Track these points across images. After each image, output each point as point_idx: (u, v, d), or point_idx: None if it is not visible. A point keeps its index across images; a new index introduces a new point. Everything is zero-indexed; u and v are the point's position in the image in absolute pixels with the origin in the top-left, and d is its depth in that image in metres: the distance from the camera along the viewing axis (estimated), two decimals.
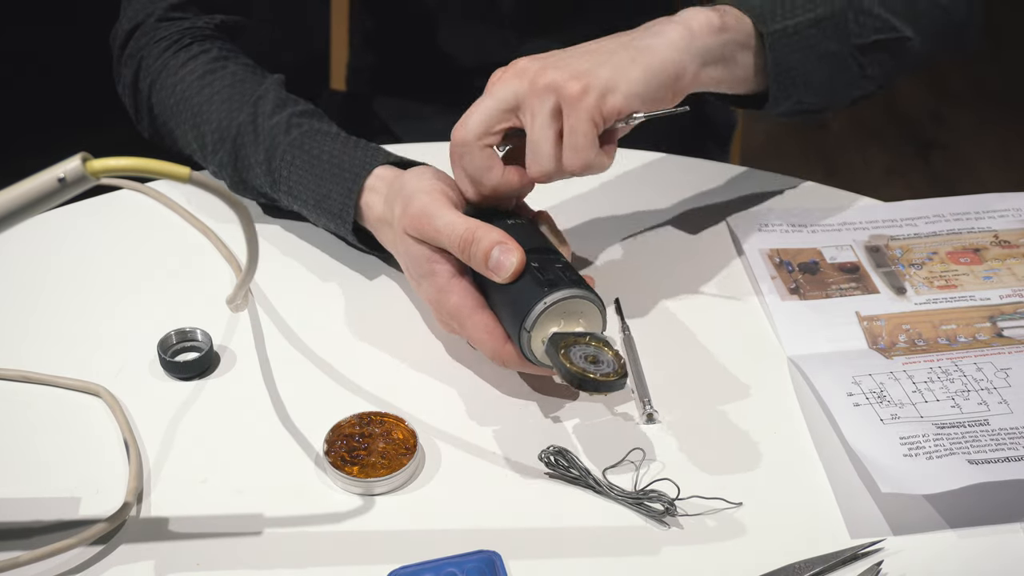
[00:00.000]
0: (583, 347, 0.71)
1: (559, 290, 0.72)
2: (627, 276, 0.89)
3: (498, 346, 0.75)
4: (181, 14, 0.99)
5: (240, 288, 0.75)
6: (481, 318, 0.75)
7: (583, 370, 0.69)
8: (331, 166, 0.85)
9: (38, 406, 0.78)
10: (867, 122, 2.68)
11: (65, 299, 0.87)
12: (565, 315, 0.72)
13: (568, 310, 0.72)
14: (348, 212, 0.84)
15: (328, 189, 0.85)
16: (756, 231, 0.92)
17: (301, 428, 0.76)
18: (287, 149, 0.87)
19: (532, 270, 0.73)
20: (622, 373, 0.70)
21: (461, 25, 1.20)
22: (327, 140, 0.87)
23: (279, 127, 0.88)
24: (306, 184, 0.86)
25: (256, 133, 0.88)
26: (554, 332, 0.72)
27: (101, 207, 0.96)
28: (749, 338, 0.84)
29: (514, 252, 0.73)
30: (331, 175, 0.85)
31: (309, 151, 0.86)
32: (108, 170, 0.55)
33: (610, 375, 0.69)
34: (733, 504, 0.70)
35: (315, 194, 0.86)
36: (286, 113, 0.89)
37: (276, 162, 0.87)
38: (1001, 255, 0.90)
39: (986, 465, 0.70)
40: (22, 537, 0.68)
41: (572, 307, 0.72)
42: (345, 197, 0.84)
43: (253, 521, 0.70)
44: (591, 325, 0.73)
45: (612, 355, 0.71)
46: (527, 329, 0.72)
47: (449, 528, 0.69)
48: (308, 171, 0.86)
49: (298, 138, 0.87)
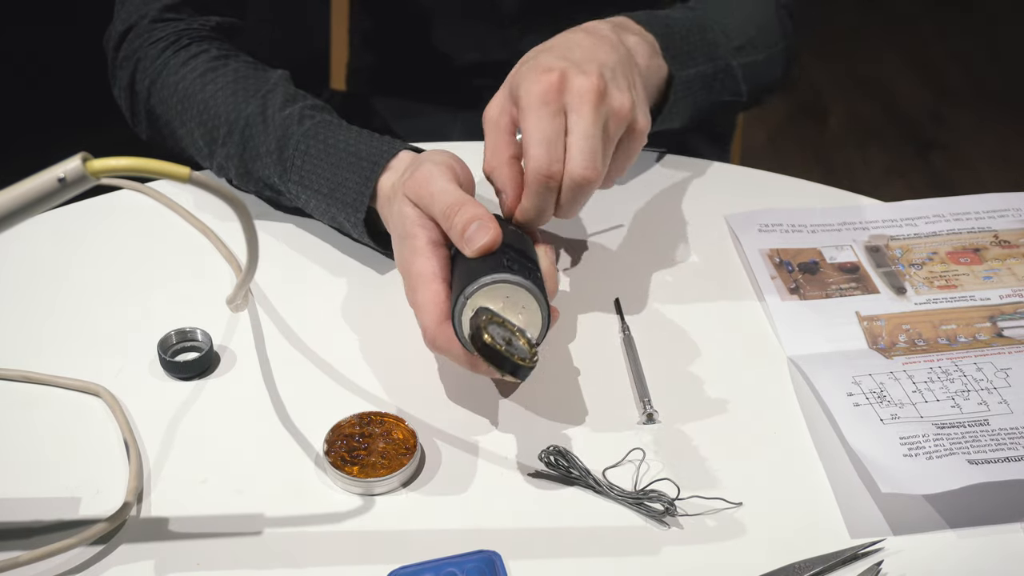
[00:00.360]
0: (506, 331, 0.70)
1: (516, 275, 0.71)
2: (627, 276, 0.89)
3: (436, 320, 0.74)
4: (175, 15, 0.99)
5: (240, 288, 0.75)
6: (434, 287, 0.75)
7: (493, 344, 0.68)
8: (348, 155, 0.85)
9: (38, 406, 0.78)
10: (867, 122, 2.69)
11: (65, 299, 0.87)
12: (509, 304, 0.71)
13: (515, 301, 0.71)
14: (363, 200, 0.84)
15: (344, 177, 0.85)
16: (756, 231, 0.92)
17: (301, 428, 0.76)
18: (301, 139, 0.87)
19: (500, 257, 0.73)
20: (529, 366, 0.69)
21: (460, 24, 1.20)
22: (342, 131, 0.87)
23: (291, 118, 0.88)
24: (320, 172, 0.86)
25: (266, 124, 0.88)
26: (484, 307, 0.71)
27: (101, 207, 0.96)
28: (749, 338, 0.84)
29: (491, 230, 0.73)
30: (348, 163, 0.85)
31: (325, 140, 0.86)
32: (108, 170, 0.55)
33: (517, 360, 0.68)
34: (733, 504, 0.70)
35: (329, 182, 0.86)
36: (298, 106, 0.89)
37: (289, 151, 0.87)
38: (1001, 255, 0.90)
39: (986, 465, 0.70)
40: (22, 537, 0.68)
41: (520, 300, 0.71)
42: (362, 185, 0.84)
43: (253, 521, 0.70)
44: (529, 323, 0.72)
45: (530, 350, 0.70)
46: (465, 296, 0.71)
47: (449, 528, 0.69)
48: (323, 159, 0.86)
49: (312, 128, 0.87)
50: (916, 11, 3.08)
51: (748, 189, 0.98)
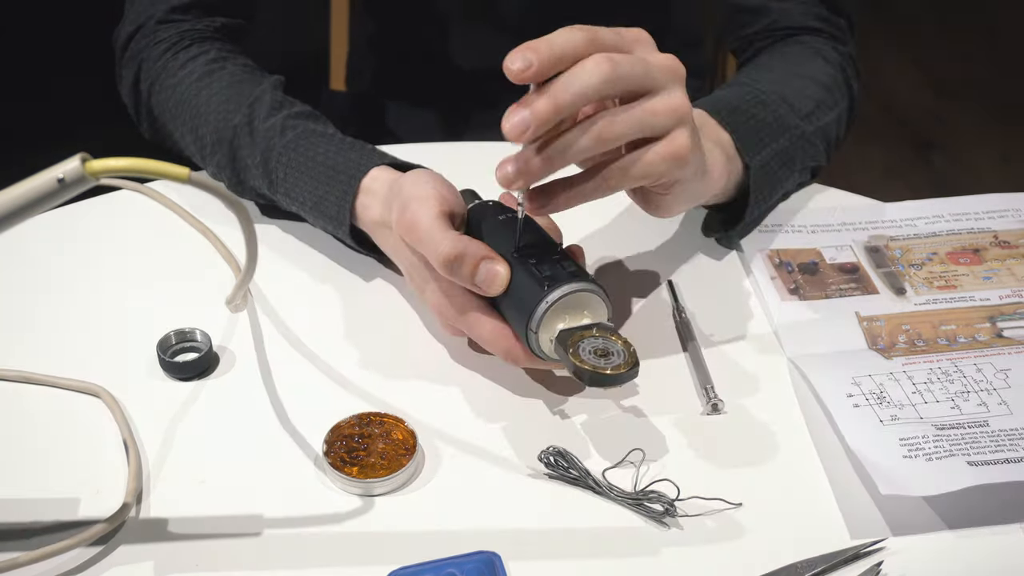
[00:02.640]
0: (591, 340, 0.71)
1: (559, 287, 0.72)
2: (627, 276, 0.89)
3: (509, 345, 0.75)
4: (182, 16, 0.99)
5: (239, 288, 0.75)
6: (488, 319, 0.75)
7: (594, 367, 0.69)
8: (326, 168, 0.85)
9: (38, 406, 0.78)
10: (867, 122, 2.68)
11: (65, 299, 0.87)
12: (569, 308, 0.72)
13: (571, 303, 0.72)
14: (344, 215, 0.84)
15: (324, 192, 0.85)
16: (756, 231, 0.92)
17: (301, 428, 0.76)
18: (282, 152, 0.87)
19: (529, 267, 0.73)
20: (633, 362, 0.70)
21: (461, 27, 1.20)
22: (322, 141, 0.86)
23: (274, 129, 0.88)
24: (303, 187, 0.86)
25: (252, 135, 0.88)
26: (561, 329, 0.72)
27: (101, 207, 0.96)
28: (749, 338, 0.84)
29: (498, 267, 0.73)
30: (326, 177, 0.84)
31: (304, 153, 0.86)
32: (107, 170, 0.55)
33: (621, 367, 0.69)
34: (733, 504, 0.70)
35: (312, 195, 0.86)
36: (281, 115, 0.88)
37: (272, 164, 0.87)
38: (1001, 255, 0.90)
39: (985, 467, 0.69)
40: (22, 537, 0.68)
41: (575, 300, 0.72)
42: (340, 199, 0.84)
43: (253, 522, 0.70)
44: (596, 314, 0.73)
45: (621, 344, 0.71)
46: (533, 330, 0.72)
47: (449, 528, 0.69)
48: (304, 173, 0.86)
49: (293, 140, 0.87)
50: (916, 11, 3.08)
51: None
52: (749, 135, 0.87)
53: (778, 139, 0.89)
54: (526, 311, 0.72)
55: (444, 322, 0.79)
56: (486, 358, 0.80)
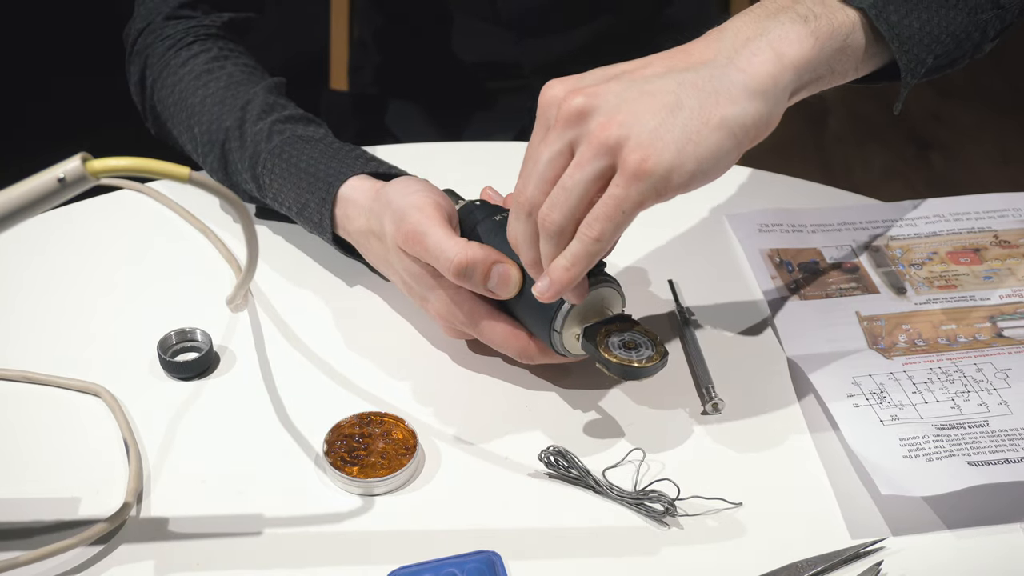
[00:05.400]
0: (618, 334, 0.72)
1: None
2: (626, 276, 0.89)
3: (523, 345, 0.75)
4: (190, 12, 0.99)
5: (240, 288, 0.75)
6: (500, 323, 0.76)
7: (627, 360, 0.71)
8: (307, 175, 0.84)
9: (38, 406, 0.78)
10: (867, 122, 2.68)
11: (65, 299, 0.87)
12: (588, 304, 0.73)
13: (590, 299, 0.73)
14: (326, 224, 0.83)
15: (306, 199, 0.84)
16: (756, 231, 0.92)
17: (301, 428, 0.76)
18: (267, 157, 0.86)
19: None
20: (663, 353, 0.71)
21: (462, 24, 1.20)
22: (307, 148, 0.86)
23: (261, 134, 0.87)
24: (287, 193, 0.86)
25: (242, 139, 0.88)
26: (585, 327, 0.73)
27: (101, 207, 0.96)
28: (749, 338, 0.84)
29: (510, 270, 0.73)
30: (308, 184, 0.84)
31: (288, 159, 0.85)
32: (108, 170, 0.55)
33: (654, 358, 0.71)
34: (733, 504, 0.70)
35: (296, 203, 0.85)
36: (270, 120, 0.88)
37: (259, 169, 0.87)
38: (1001, 255, 0.90)
39: (986, 467, 0.70)
40: (22, 537, 0.68)
41: (594, 294, 0.73)
42: (320, 208, 0.83)
43: (253, 521, 0.70)
44: (614, 306, 0.74)
45: (647, 335, 0.72)
46: (557, 330, 0.73)
47: (449, 528, 0.69)
48: (287, 180, 0.85)
49: (278, 145, 0.86)
50: None
51: (748, 189, 0.98)
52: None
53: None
54: (547, 312, 0.73)
55: (448, 327, 0.79)
56: (487, 358, 0.81)
